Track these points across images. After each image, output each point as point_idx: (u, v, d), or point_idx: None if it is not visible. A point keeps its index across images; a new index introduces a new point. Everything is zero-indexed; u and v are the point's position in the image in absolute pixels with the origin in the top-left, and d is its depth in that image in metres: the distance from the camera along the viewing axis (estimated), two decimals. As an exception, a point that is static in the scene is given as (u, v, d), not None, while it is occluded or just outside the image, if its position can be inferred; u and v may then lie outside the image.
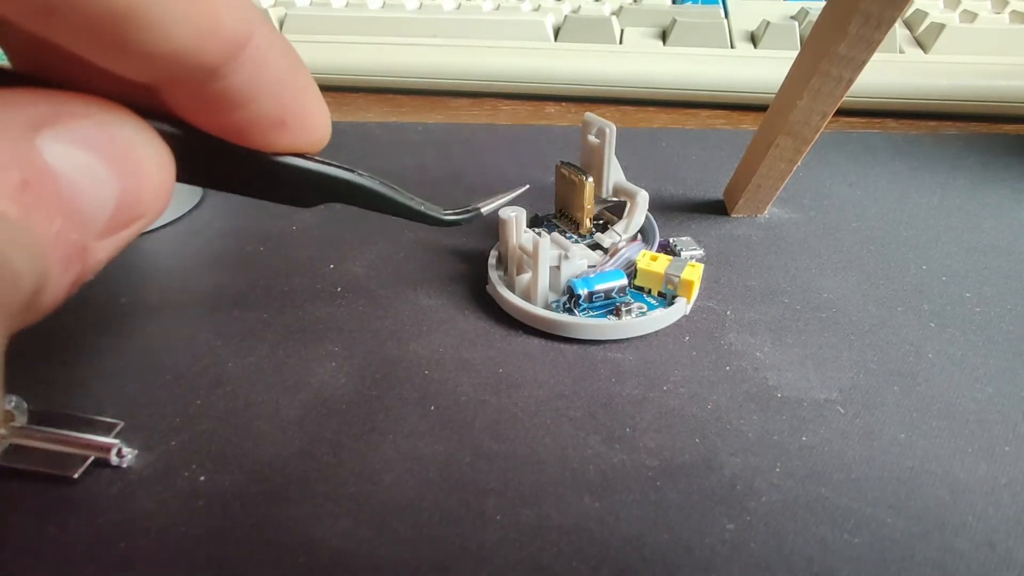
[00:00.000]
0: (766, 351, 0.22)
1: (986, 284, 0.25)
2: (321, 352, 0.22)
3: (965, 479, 0.17)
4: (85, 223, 0.10)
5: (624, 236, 0.24)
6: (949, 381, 0.21)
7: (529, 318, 0.22)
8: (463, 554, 0.16)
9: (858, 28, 0.22)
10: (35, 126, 0.09)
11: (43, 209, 0.09)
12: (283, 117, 0.13)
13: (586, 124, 0.25)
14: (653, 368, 0.21)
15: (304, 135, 0.13)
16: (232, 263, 0.26)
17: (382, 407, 0.20)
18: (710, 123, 0.39)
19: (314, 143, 0.14)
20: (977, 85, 0.37)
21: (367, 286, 0.25)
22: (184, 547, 0.16)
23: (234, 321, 0.23)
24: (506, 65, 0.41)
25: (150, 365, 0.21)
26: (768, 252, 0.27)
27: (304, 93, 0.13)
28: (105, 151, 0.10)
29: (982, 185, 0.31)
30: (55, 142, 0.09)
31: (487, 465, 0.18)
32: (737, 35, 0.42)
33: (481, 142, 0.36)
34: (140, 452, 0.18)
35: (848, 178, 0.32)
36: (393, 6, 0.45)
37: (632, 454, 0.18)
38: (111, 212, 0.10)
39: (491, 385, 0.21)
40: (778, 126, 0.25)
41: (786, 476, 0.18)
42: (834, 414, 0.19)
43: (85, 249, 0.10)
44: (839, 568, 0.16)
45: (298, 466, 0.18)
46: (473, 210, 0.21)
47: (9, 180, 0.08)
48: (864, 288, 0.25)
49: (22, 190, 0.09)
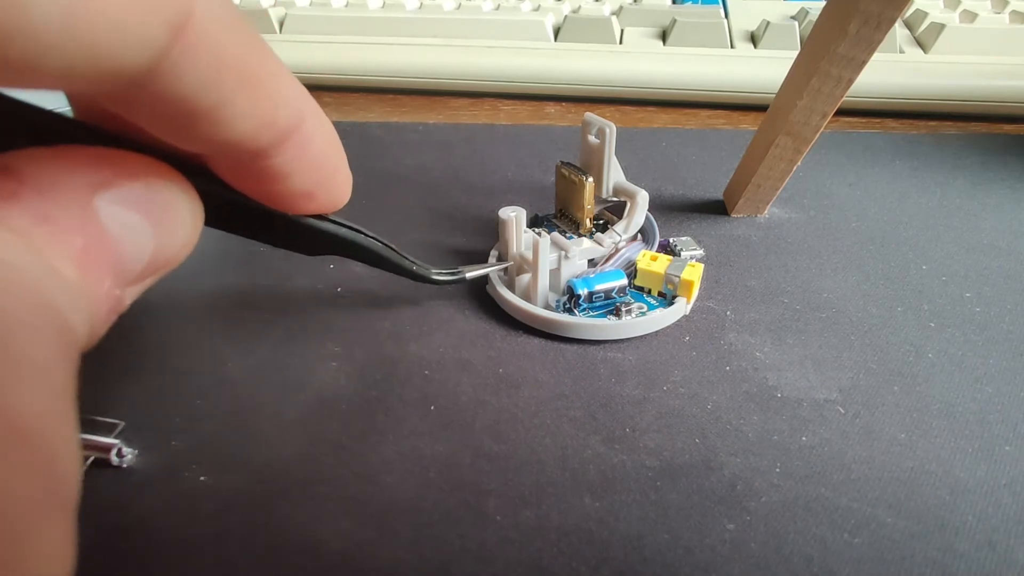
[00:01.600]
0: (766, 351, 0.22)
1: (986, 284, 0.25)
2: (322, 352, 0.22)
3: (965, 479, 0.17)
4: (125, 276, 0.10)
5: (624, 236, 0.24)
6: (949, 381, 0.21)
7: (529, 318, 0.22)
8: (463, 554, 0.16)
9: (858, 28, 0.22)
10: (95, 187, 0.10)
11: (97, 271, 0.10)
12: (314, 189, 0.14)
13: (586, 124, 0.25)
14: (653, 368, 0.21)
15: (327, 202, 0.14)
16: (233, 264, 0.26)
17: (382, 407, 0.20)
18: (710, 123, 0.39)
19: (334, 207, 0.15)
20: (977, 85, 0.37)
21: (368, 287, 0.25)
22: (185, 547, 0.16)
23: (235, 321, 0.23)
24: (506, 65, 0.41)
25: (151, 365, 0.21)
26: (768, 252, 0.27)
27: (336, 169, 0.14)
28: (149, 210, 0.11)
29: (982, 185, 0.31)
30: (110, 204, 0.10)
31: (487, 465, 0.18)
32: (737, 35, 0.42)
33: (481, 142, 0.36)
34: (140, 452, 0.18)
35: (848, 178, 0.32)
36: (393, 6, 0.45)
37: (632, 454, 0.18)
38: (146, 264, 0.11)
39: (491, 385, 0.21)
40: (778, 126, 0.25)
41: (786, 476, 0.18)
42: (834, 414, 0.19)
43: (121, 297, 0.10)
44: (839, 568, 0.16)
45: (299, 466, 0.18)
46: (458, 273, 0.23)
47: (72, 244, 0.09)
48: (864, 288, 0.25)
49: (83, 254, 0.09)
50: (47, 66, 0.08)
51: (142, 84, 0.09)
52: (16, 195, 0.09)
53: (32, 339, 0.08)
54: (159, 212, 0.11)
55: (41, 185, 0.09)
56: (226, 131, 0.10)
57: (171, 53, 0.09)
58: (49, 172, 0.09)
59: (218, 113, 0.10)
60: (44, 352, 0.08)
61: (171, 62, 0.09)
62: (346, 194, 0.15)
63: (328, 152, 0.13)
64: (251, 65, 0.10)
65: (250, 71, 0.10)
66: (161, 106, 0.09)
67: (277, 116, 0.11)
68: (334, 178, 0.14)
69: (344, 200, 0.15)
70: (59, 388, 0.08)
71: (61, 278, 0.09)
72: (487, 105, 0.42)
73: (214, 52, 0.09)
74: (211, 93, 0.10)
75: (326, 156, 0.13)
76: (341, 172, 0.14)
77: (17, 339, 0.08)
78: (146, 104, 0.09)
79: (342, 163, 0.14)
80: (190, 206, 0.12)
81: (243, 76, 0.10)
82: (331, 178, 0.14)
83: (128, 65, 0.08)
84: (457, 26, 0.43)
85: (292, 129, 0.12)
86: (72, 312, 0.09)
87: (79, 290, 0.09)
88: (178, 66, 0.09)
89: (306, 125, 0.12)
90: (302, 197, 0.14)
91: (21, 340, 0.08)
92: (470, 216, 0.29)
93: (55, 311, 0.08)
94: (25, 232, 0.09)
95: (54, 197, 0.09)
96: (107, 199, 0.10)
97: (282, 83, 0.11)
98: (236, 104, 0.10)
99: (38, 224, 0.09)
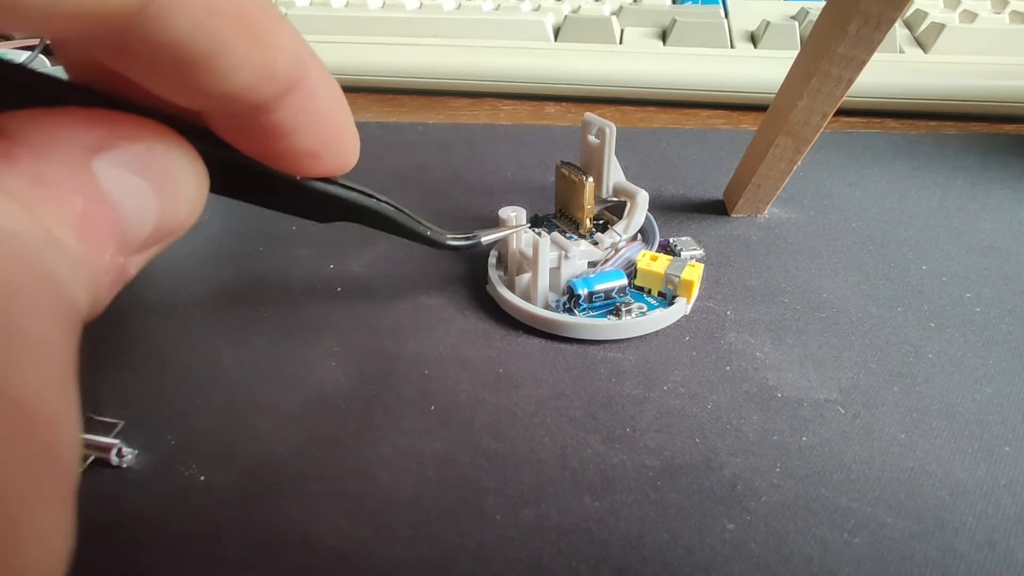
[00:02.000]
0: (766, 351, 0.22)
1: (986, 285, 0.25)
2: (320, 350, 0.22)
3: (965, 479, 0.17)
4: (127, 244, 0.10)
5: (624, 236, 0.24)
6: (949, 381, 0.21)
7: (529, 318, 0.22)
8: (462, 553, 0.16)
9: (858, 28, 0.22)
10: (93, 149, 0.09)
11: (99, 238, 0.09)
12: (319, 148, 0.13)
13: (586, 124, 0.24)
14: (653, 368, 0.21)
15: (334, 163, 0.14)
16: (232, 262, 0.26)
17: (381, 405, 0.20)
18: (710, 123, 0.39)
19: (342, 169, 0.14)
20: (977, 85, 0.37)
21: (367, 285, 0.25)
22: (182, 544, 0.16)
23: (234, 320, 0.23)
24: (506, 65, 0.41)
25: (149, 364, 0.21)
26: (768, 252, 0.27)
27: (342, 127, 0.14)
28: (152, 174, 0.10)
29: (982, 185, 0.31)
30: (110, 166, 0.09)
31: (486, 464, 0.18)
32: (737, 35, 0.42)
33: (481, 142, 0.36)
34: (140, 451, 0.18)
35: (848, 178, 0.32)
36: (393, 6, 0.45)
37: (632, 454, 0.18)
38: (150, 231, 0.10)
39: (491, 384, 0.20)
40: (778, 126, 0.25)
41: (786, 476, 0.18)
42: (834, 414, 0.19)
43: (125, 266, 0.10)
44: (839, 568, 0.16)
45: (296, 464, 0.18)
46: (474, 237, 0.22)
47: (72, 209, 0.09)
48: (864, 288, 0.25)
49: (83, 220, 0.09)
50: (30, 4, 0.07)
51: (131, 27, 0.08)
52: (9, 156, 0.08)
53: (32, 311, 0.07)
54: (162, 176, 0.10)
55: (36, 147, 0.09)
56: (224, 82, 0.10)
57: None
58: (44, 133, 0.09)
59: (214, 61, 0.09)
60: (45, 324, 0.08)
61: (159, 3, 0.08)
62: (354, 155, 0.14)
63: (333, 108, 0.13)
64: (247, 8, 0.10)
65: (246, 16, 0.10)
66: (153, 54, 0.09)
67: (277, 66, 0.11)
68: (340, 137, 0.14)
69: (352, 162, 0.14)
70: (60, 362, 0.08)
71: (61, 245, 0.08)
72: (487, 105, 0.42)
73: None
74: (205, 38, 0.09)
75: (331, 112, 0.13)
76: (347, 131, 0.14)
77: (17, 310, 0.07)
78: (138, 52, 0.09)
79: (348, 122, 0.14)
80: (195, 170, 0.11)
81: (239, 21, 0.10)
82: (337, 136, 0.13)
83: (113, 4, 0.08)
84: (457, 26, 0.43)
85: (294, 81, 0.11)
86: (74, 282, 0.08)
87: (80, 259, 0.09)
88: (168, 7, 0.08)
89: (309, 78, 0.12)
90: (308, 157, 0.13)
91: (21, 312, 0.07)
92: (470, 216, 0.29)
93: (56, 281, 0.08)
94: (21, 196, 0.08)
95: (50, 159, 0.09)
96: (107, 161, 0.09)
97: (282, 32, 0.11)
98: (233, 51, 0.10)
99: (35, 187, 0.08)
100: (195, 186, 0.11)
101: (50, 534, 0.07)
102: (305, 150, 0.13)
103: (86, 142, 0.09)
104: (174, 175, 0.11)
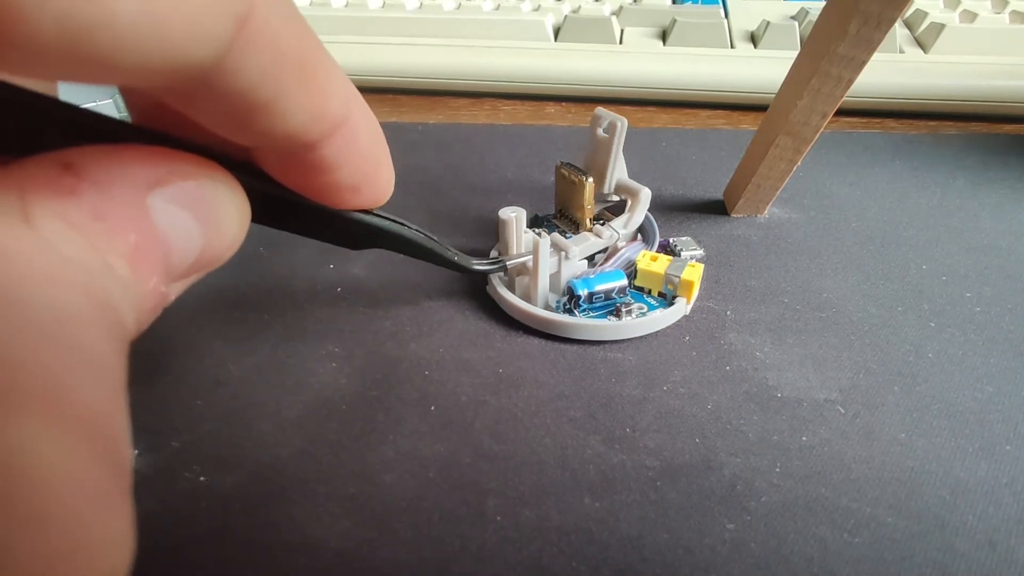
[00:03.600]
0: (766, 351, 0.22)
1: (986, 284, 0.25)
2: (321, 353, 0.22)
3: (965, 479, 0.17)
4: (172, 272, 0.11)
5: (624, 232, 0.24)
6: (949, 381, 0.21)
7: (529, 318, 0.22)
8: (463, 554, 0.16)
9: (858, 28, 0.22)
10: (150, 186, 0.10)
11: (146, 267, 0.10)
12: (359, 182, 0.14)
13: (596, 118, 0.24)
14: (653, 368, 0.21)
15: (372, 196, 0.15)
16: (233, 264, 0.26)
17: (382, 407, 0.20)
18: (710, 123, 0.39)
19: (379, 202, 0.15)
20: (977, 85, 0.37)
21: (367, 287, 0.25)
22: (185, 548, 0.16)
23: (235, 322, 0.23)
24: (506, 65, 0.41)
25: (151, 366, 0.21)
26: (768, 252, 0.27)
27: (381, 163, 0.14)
28: (199, 209, 0.11)
29: (982, 185, 0.31)
30: (163, 202, 0.10)
31: (487, 465, 0.18)
32: (737, 35, 0.42)
33: (481, 142, 0.36)
34: (141, 453, 0.18)
35: (848, 178, 0.32)
36: (393, 6, 0.45)
37: (632, 454, 0.18)
38: (192, 261, 0.11)
39: (491, 385, 0.21)
40: (778, 126, 0.25)
41: (786, 476, 0.18)
42: (834, 414, 0.19)
43: (166, 294, 0.11)
44: (839, 568, 0.16)
45: (298, 467, 0.18)
46: (499, 262, 0.23)
47: (126, 241, 0.09)
48: (864, 288, 0.25)
49: (135, 251, 0.10)
50: (124, 60, 0.08)
51: (206, 78, 0.09)
52: (75, 191, 0.09)
53: (91, 332, 0.08)
54: (209, 211, 0.11)
55: (99, 182, 0.09)
56: (281, 124, 0.10)
57: (235, 46, 0.09)
58: (107, 170, 0.10)
59: (275, 106, 0.10)
60: (102, 342, 0.08)
61: (234, 55, 0.09)
62: (389, 188, 0.15)
63: (373, 144, 0.13)
64: (306, 57, 0.10)
65: (305, 63, 0.10)
66: (221, 99, 0.10)
67: (328, 108, 0.11)
68: (378, 171, 0.14)
69: (388, 194, 0.15)
70: (114, 374, 0.08)
71: (114, 274, 0.09)
72: (487, 105, 0.42)
73: (274, 44, 0.09)
74: (269, 86, 0.10)
75: (371, 148, 0.13)
76: (385, 166, 0.14)
77: (78, 332, 0.08)
78: (207, 98, 0.09)
79: (386, 157, 0.14)
80: (239, 205, 0.12)
81: (299, 68, 0.10)
82: (376, 171, 0.14)
83: (196, 58, 0.08)
84: (457, 26, 0.43)
85: (341, 121, 0.12)
86: (123, 306, 0.09)
87: (129, 286, 0.09)
88: (240, 58, 0.09)
89: (353, 117, 0.12)
90: (348, 191, 0.14)
91: (83, 330, 0.08)
92: (470, 216, 0.29)
93: (109, 304, 0.09)
94: (83, 228, 0.09)
95: (111, 194, 0.09)
96: (161, 197, 0.10)
97: (332, 75, 0.11)
98: (291, 97, 0.10)
99: (95, 220, 0.09)
100: (237, 220, 0.12)
101: (117, 536, 0.08)
102: (347, 185, 0.14)
103: (143, 179, 0.10)
104: (219, 210, 0.11)
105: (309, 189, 0.13)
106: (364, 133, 0.13)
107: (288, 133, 0.11)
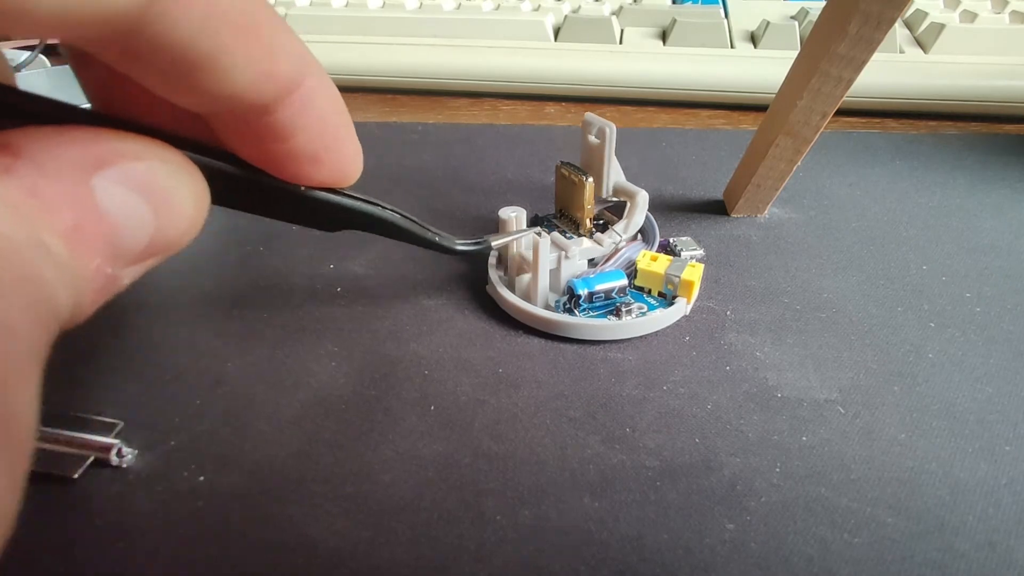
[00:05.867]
0: (766, 351, 0.22)
1: (986, 284, 0.25)
2: (320, 352, 0.22)
3: (965, 479, 0.17)
4: (120, 256, 0.10)
5: (624, 236, 0.24)
6: (949, 381, 0.20)
7: (529, 318, 0.22)
8: (462, 554, 0.16)
9: (858, 28, 0.22)
10: (94, 166, 0.10)
11: (87, 248, 0.10)
12: (320, 153, 0.14)
13: (586, 124, 0.24)
14: (653, 368, 0.21)
15: (336, 171, 0.14)
16: (232, 263, 0.26)
17: (381, 407, 0.20)
18: (710, 123, 0.39)
19: (344, 179, 0.15)
20: (977, 85, 0.37)
21: (367, 286, 0.25)
22: (183, 547, 0.16)
23: (234, 321, 0.23)
24: (506, 65, 0.41)
25: (150, 365, 0.21)
26: (768, 252, 0.27)
27: (342, 133, 0.14)
28: (149, 191, 0.11)
29: (982, 185, 0.31)
30: (108, 182, 0.10)
31: (486, 465, 0.18)
32: (737, 35, 0.42)
33: (481, 142, 0.36)
34: (140, 452, 0.18)
35: (848, 178, 0.32)
36: (393, 6, 0.45)
37: (632, 454, 0.18)
38: (144, 245, 0.11)
39: (491, 385, 0.20)
40: (778, 126, 0.25)
41: (786, 476, 0.18)
42: (834, 414, 0.19)
43: (116, 277, 0.11)
44: (839, 568, 0.16)
45: (297, 466, 0.18)
46: (483, 240, 0.22)
47: (63, 221, 0.09)
48: (864, 288, 0.25)
49: (73, 230, 0.09)
50: (41, 8, 0.08)
51: (135, 30, 0.09)
52: (11, 169, 0.09)
53: (9, 303, 0.08)
54: (160, 193, 0.11)
55: (38, 161, 0.09)
56: (226, 82, 0.10)
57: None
58: (47, 149, 0.10)
59: (216, 62, 0.10)
60: (18, 316, 0.08)
61: (162, 5, 0.09)
62: (356, 165, 0.15)
63: (333, 111, 0.13)
64: (247, 12, 0.10)
65: (246, 18, 0.10)
66: (158, 56, 0.10)
67: (277, 67, 0.11)
68: (341, 142, 0.14)
69: (354, 172, 0.15)
70: (26, 351, 0.08)
71: (48, 250, 0.09)
72: (487, 105, 0.42)
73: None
74: (206, 40, 0.10)
75: (330, 116, 0.13)
76: (348, 138, 0.14)
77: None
78: (143, 55, 0.10)
79: (348, 128, 0.14)
80: (194, 188, 0.12)
81: (239, 23, 0.10)
82: (337, 142, 0.14)
83: (119, 7, 0.08)
84: (457, 26, 0.43)
85: (294, 82, 0.12)
86: (56, 283, 0.09)
87: (66, 265, 0.09)
88: (171, 10, 0.09)
89: (309, 81, 0.12)
90: (309, 162, 0.14)
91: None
92: (470, 216, 0.29)
93: (36, 279, 0.09)
94: (17, 204, 0.09)
95: (48, 173, 0.09)
96: (106, 178, 0.10)
97: (281, 34, 0.11)
98: (234, 52, 0.10)
99: (30, 197, 0.09)
100: (193, 203, 0.12)
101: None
102: (306, 153, 0.13)
103: (87, 159, 0.10)
104: (172, 192, 0.11)
105: (269, 159, 0.13)
106: (321, 99, 0.13)
107: (235, 93, 0.11)
